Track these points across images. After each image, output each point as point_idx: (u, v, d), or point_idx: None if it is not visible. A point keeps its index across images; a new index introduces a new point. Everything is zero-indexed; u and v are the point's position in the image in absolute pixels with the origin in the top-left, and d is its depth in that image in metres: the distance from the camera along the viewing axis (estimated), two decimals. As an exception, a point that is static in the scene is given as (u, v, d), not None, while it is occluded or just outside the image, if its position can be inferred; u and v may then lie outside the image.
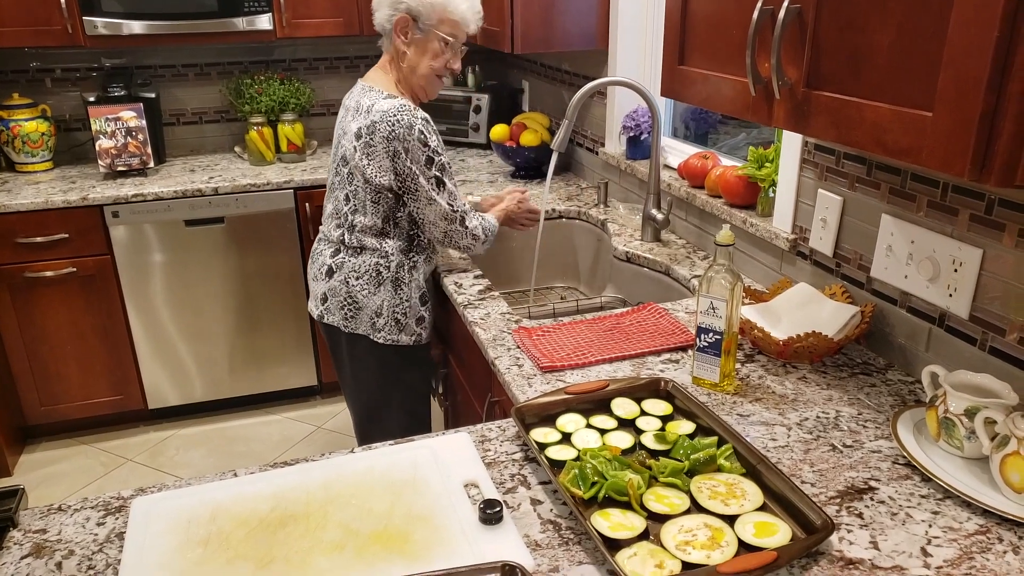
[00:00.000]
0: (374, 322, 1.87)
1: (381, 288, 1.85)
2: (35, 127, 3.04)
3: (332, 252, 1.90)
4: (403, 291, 1.87)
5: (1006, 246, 1.20)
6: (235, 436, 3.14)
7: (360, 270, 1.85)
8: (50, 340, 2.91)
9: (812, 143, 1.62)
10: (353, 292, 1.86)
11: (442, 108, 3.41)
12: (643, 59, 2.46)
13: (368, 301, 1.86)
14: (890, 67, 0.95)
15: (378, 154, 1.74)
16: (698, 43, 1.35)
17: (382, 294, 1.86)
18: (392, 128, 1.71)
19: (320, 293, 1.93)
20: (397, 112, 1.72)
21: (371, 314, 1.87)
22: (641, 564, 0.94)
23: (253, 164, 3.20)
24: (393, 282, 1.85)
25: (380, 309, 1.86)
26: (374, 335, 1.88)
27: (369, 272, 1.85)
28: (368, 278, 1.85)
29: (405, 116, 1.72)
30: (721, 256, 1.30)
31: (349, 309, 1.88)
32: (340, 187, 1.86)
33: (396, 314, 1.87)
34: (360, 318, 1.88)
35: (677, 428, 1.24)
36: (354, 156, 1.78)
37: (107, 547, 1.02)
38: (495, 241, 1.99)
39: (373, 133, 1.73)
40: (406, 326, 1.89)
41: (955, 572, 0.94)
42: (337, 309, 1.89)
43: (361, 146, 1.76)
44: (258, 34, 3.06)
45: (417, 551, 0.98)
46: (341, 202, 1.86)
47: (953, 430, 1.13)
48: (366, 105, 1.78)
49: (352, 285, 1.86)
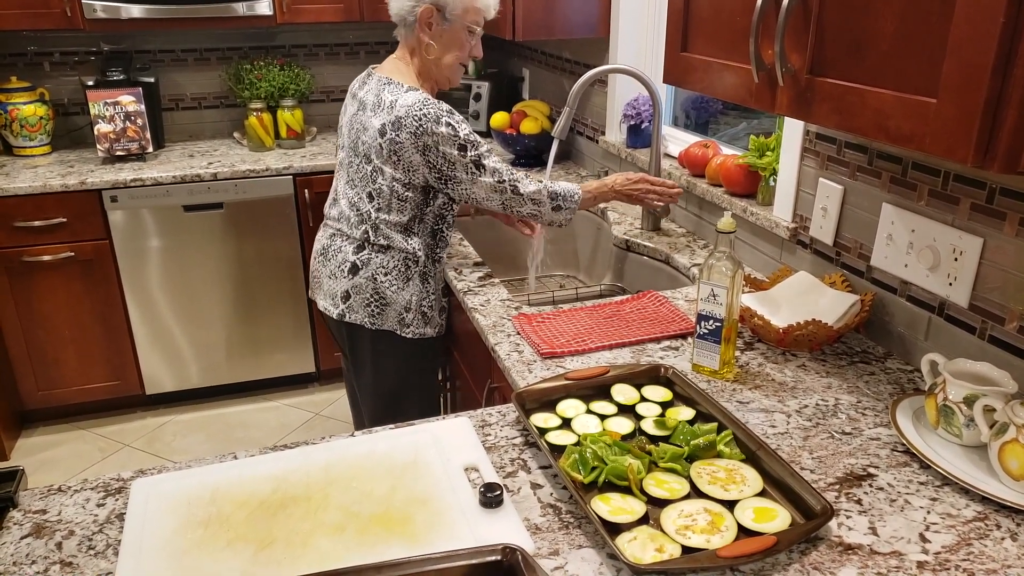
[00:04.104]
0: (402, 317, 1.83)
1: (410, 283, 1.82)
2: (33, 111, 3.02)
3: (355, 248, 1.82)
4: (430, 284, 1.85)
5: (1007, 235, 1.20)
6: (233, 422, 3.14)
7: (388, 266, 1.80)
8: (48, 325, 2.91)
9: (813, 132, 1.62)
10: (381, 288, 1.81)
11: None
12: (644, 47, 2.46)
13: (397, 296, 1.82)
14: (894, 53, 0.94)
15: (407, 150, 1.70)
16: (701, 29, 1.35)
17: (411, 288, 1.82)
18: (419, 123, 1.67)
19: (341, 291, 1.85)
20: (422, 106, 1.68)
21: (400, 310, 1.83)
22: (641, 548, 0.94)
23: (252, 150, 3.19)
24: (421, 276, 1.83)
25: (409, 304, 1.83)
26: (402, 330, 1.84)
27: (398, 267, 1.81)
28: (397, 273, 1.81)
29: (431, 109, 1.68)
30: (722, 243, 1.30)
31: (376, 306, 1.82)
32: (361, 184, 1.80)
33: (423, 307, 1.85)
34: (387, 314, 1.83)
35: (677, 414, 1.24)
36: (381, 154, 1.73)
37: (107, 528, 1.02)
38: (573, 212, 1.86)
39: (399, 129, 1.69)
40: (431, 319, 1.87)
41: (953, 558, 0.95)
42: (362, 307, 1.83)
43: (387, 143, 1.71)
44: (258, 19, 3.04)
45: (417, 533, 0.98)
46: (364, 200, 1.80)
47: (952, 418, 1.13)
48: (388, 100, 1.72)
49: (380, 281, 1.81)
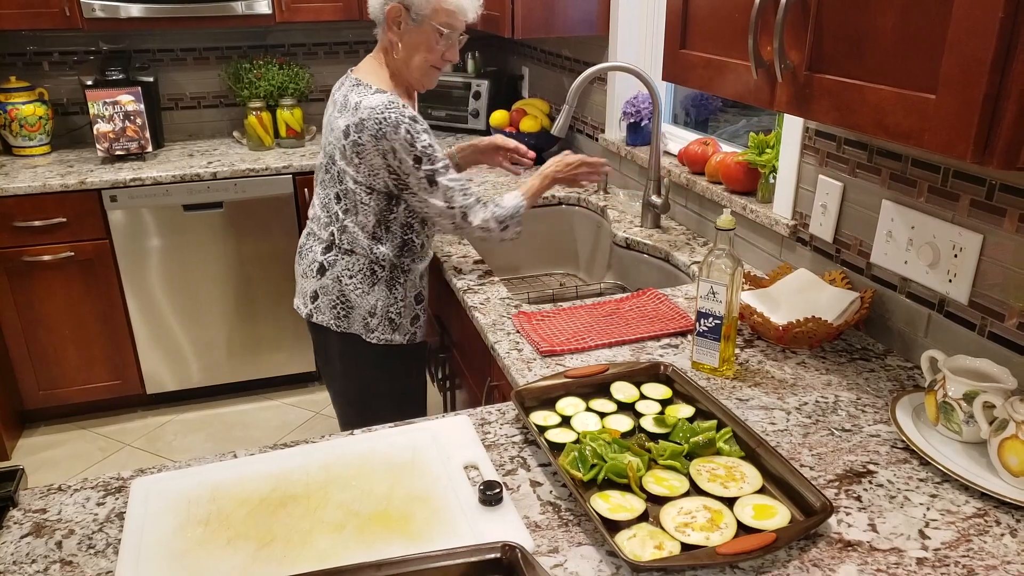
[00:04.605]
0: (367, 322, 1.81)
1: (375, 288, 1.79)
2: (32, 110, 3.02)
3: (323, 249, 1.82)
4: (398, 291, 1.81)
5: (1007, 231, 1.20)
6: (233, 421, 3.14)
7: (353, 269, 1.78)
8: (48, 324, 2.91)
9: (813, 129, 1.62)
10: (346, 291, 1.79)
11: (441, 94, 3.40)
12: (644, 45, 2.45)
13: (362, 301, 1.79)
14: (893, 49, 0.94)
15: (368, 153, 1.67)
16: (700, 27, 1.34)
17: (376, 294, 1.79)
18: (379, 127, 1.64)
19: (310, 291, 1.85)
20: (384, 110, 1.64)
21: (364, 314, 1.80)
22: (640, 545, 0.94)
23: (252, 149, 3.19)
24: (388, 283, 1.79)
25: (374, 309, 1.80)
26: (367, 335, 1.81)
27: (363, 271, 1.78)
28: (362, 277, 1.78)
29: (392, 114, 1.64)
30: (722, 241, 1.30)
31: (341, 308, 1.81)
32: (331, 185, 1.78)
33: (391, 314, 1.81)
34: (352, 318, 1.81)
35: (676, 412, 1.24)
36: (345, 155, 1.71)
37: (107, 526, 1.02)
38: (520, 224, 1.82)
39: (361, 131, 1.66)
40: (400, 326, 1.84)
41: (953, 554, 0.95)
42: (328, 308, 1.82)
43: (350, 145, 1.68)
44: (257, 18, 3.04)
45: (417, 531, 0.98)
46: (332, 201, 1.78)
47: (952, 414, 1.13)
48: (353, 102, 1.69)
49: (345, 284, 1.79)
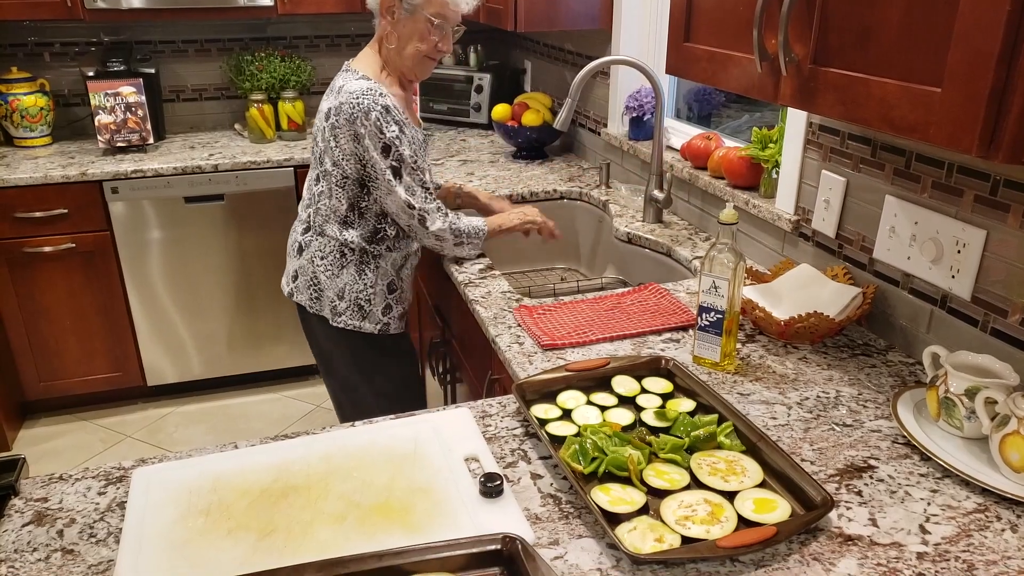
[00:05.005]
0: (335, 305, 1.83)
1: (344, 271, 1.81)
2: (34, 101, 3.02)
3: (303, 229, 1.87)
4: (367, 276, 1.82)
5: (1010, 227, 1.20)
6: (234, 414, 3.15)
7: (324, 251, 1.81)
8: (49, 316, 2.91)
9: (816, 124, 1.62)
10: (317, 272, 1.82)
11: (443, 87, 3.40)
12: (647, 39, 2.45)
13: (331, 283, 1.81)
14: (899, 42, 0.94)
15: (343, 137, 1.70)
16: (704, 19, 1.34)
17: (344, 277, 1.81)
18: (352, 111, 1.67)
19: (292, 270, 1.90)
20: (360, 96, 1.68)
21: (332, 296, 1.82)
22: (641, 538, 0.94)
23: (253, 142, 3.18)
24: (357, 266, 1.81)
25: (342, 292, 1.81)
26: (333, 319, 1.84)
27: (333, 253, 1.81)
28: (332, 259, 1.81)
29: (365, 101, 1.67)
30: (724, 235, 1.30)
31: (314, 290, 1.84)
32: (314, 166, 1.84)
33: (360, 300, 1.82)
34: (323, 300, 1.84)
35: (677, 406, 1.24)
36: (324, 136, 1.75)
37: (108, 516, 1.02)
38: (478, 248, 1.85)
39: (339, 115, 1.70)
40: (370, 313, 1.84)
41: (953, 549, 0.95)
42: (305, 288, 1.86)
43: (328, 128, 1.73)
44: (259, 10, 3.04)
45: (418, 523, 0.98)
46: (313, 182, 1.83)
47: (953, 410, 1.13)
48: (338, 86, 1.75)
49: (317, 265, 1.82)
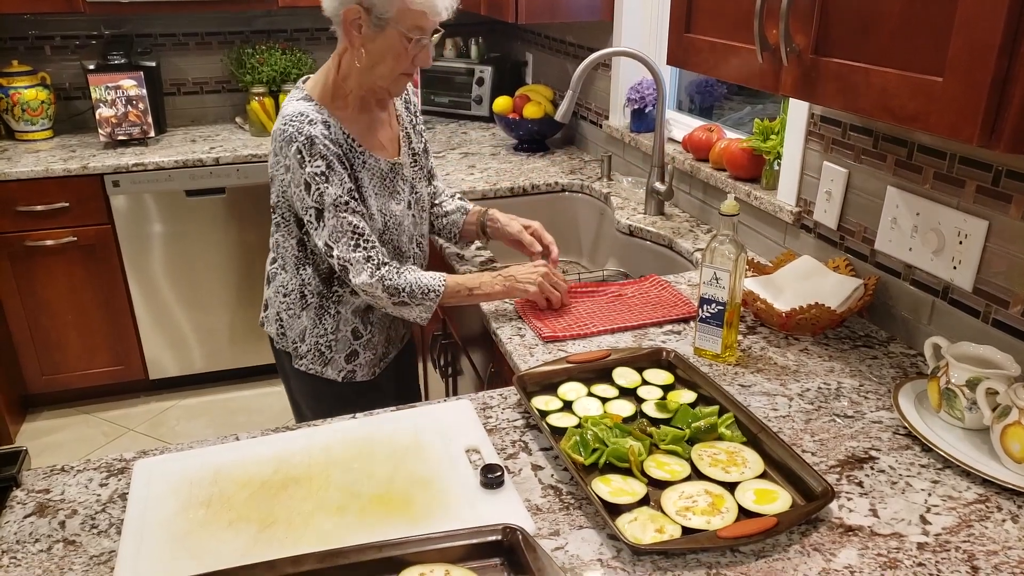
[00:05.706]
0: (296, 347, 1.62)
1: (304, 313, 1.59)
2: (34, 95, 3.02)
3: (270, 259, 1.65)
4: (327, 322, 1.59)
5: (1012, 218, 1.20)
6: (236, 407, 3.15)
7: (287, 287, 1.60)
8: (51, 309, 2.91)
9: (818, 115, 1.61)
10: (280, 309, 1.63)
11: (445, 80, 3.39)
12: (648, 31, 2.44)
13: (292, 323, 1.61)
14: (900, 32, 0.93)
15: (280, 165, 1.48)
16: (705, 10, 1.33)
17: (304, 321, 1.60)
18: (280, 138, 1.45)
19: (264, 298, 1.70)
20: (287, 122, 1.44)
21: (294, 337, 1.62)
22: (641, 528, 0.94)
23: (254, 135, 3.18)
24: (316, 311, 1.59)
25: (303, 335, 1.61)
26: (296, 360, 1.63)
27: (294, 292, 1.59)
28: (293, 299, 1.60)
29: (290, 129, 1.43)
30: (725, 227, 1.30)
31: (279, 324, 1.65)
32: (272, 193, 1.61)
33: (320, 346, 1.61)
34: (287, 338, 1.64)
35: (678, 397, 1.24)
36: (271, 162, 1.53)
37: (110, 507, 1.02)
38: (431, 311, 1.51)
39: (273, 140, 1.48)
40: (332, 360, 1.62)
41: (953, 539, 0.95)
42: (273, 320, 1.66)
43: (271, 154, 1.51)
44: (259, 3, 3.04)
45: (419, 514, 0.98)
46: (271, 209, 1.59)
47: (954, 401, 1.13)
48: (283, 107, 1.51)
49: (280, 302, 1.62)
